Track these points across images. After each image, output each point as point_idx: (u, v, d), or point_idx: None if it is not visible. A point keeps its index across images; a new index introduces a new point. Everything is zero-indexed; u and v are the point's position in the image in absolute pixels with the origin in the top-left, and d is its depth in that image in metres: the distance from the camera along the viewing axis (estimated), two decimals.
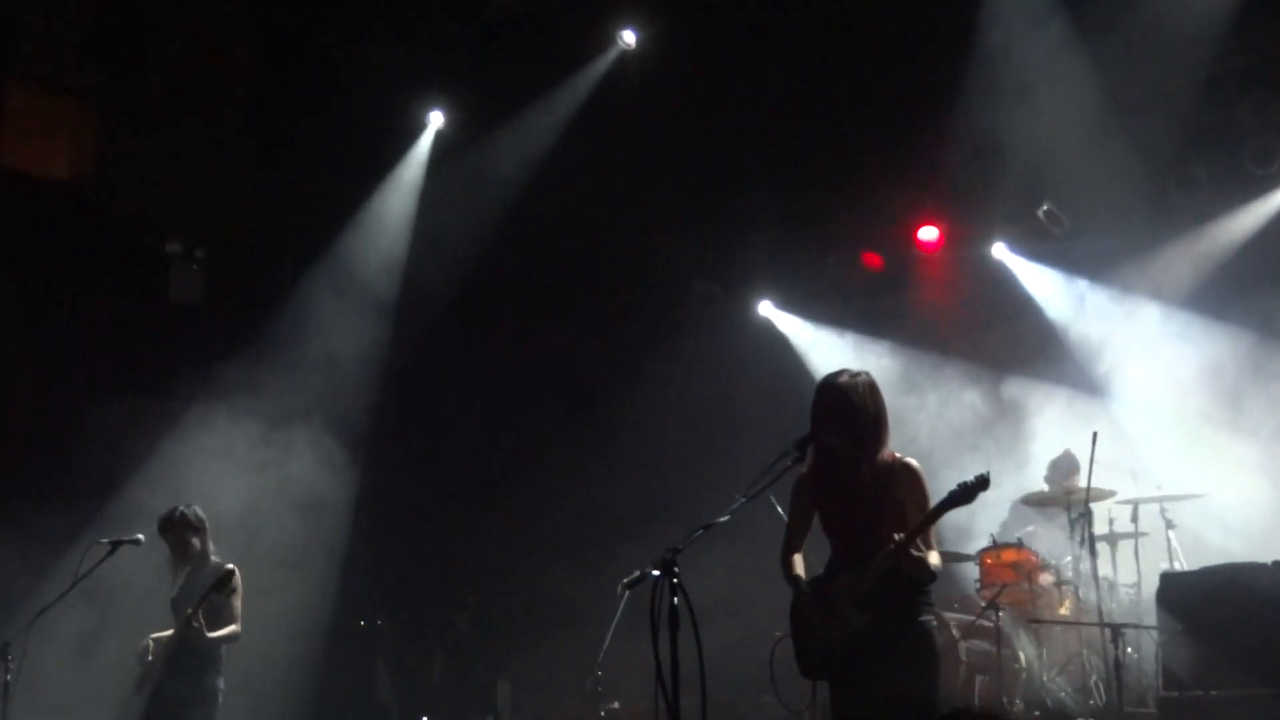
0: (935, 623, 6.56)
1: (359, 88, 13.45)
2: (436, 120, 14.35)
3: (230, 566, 9.27)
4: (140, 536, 9.31)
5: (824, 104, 13.09)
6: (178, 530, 9.38)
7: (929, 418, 13.16)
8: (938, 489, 6.46)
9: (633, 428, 14.34)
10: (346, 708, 13.07)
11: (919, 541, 6.33)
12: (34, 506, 11.88)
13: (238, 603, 9.15)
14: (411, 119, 14.31)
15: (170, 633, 9.25)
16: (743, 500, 6.19)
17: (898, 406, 6.96)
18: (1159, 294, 12.97)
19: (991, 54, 12.37)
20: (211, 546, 9.47)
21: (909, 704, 6.35)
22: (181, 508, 9.46)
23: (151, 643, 9.25)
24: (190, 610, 8.91)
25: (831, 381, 6.62)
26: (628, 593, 10.69)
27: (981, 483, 6.26)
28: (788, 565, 6.77)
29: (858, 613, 6.37)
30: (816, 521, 6.78)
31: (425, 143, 14.39)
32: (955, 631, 10.41)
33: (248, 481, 12.78)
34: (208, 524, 9.50)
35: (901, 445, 6.71)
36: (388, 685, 13.42)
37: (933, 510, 6.35)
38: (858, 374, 6.66)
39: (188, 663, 9.07)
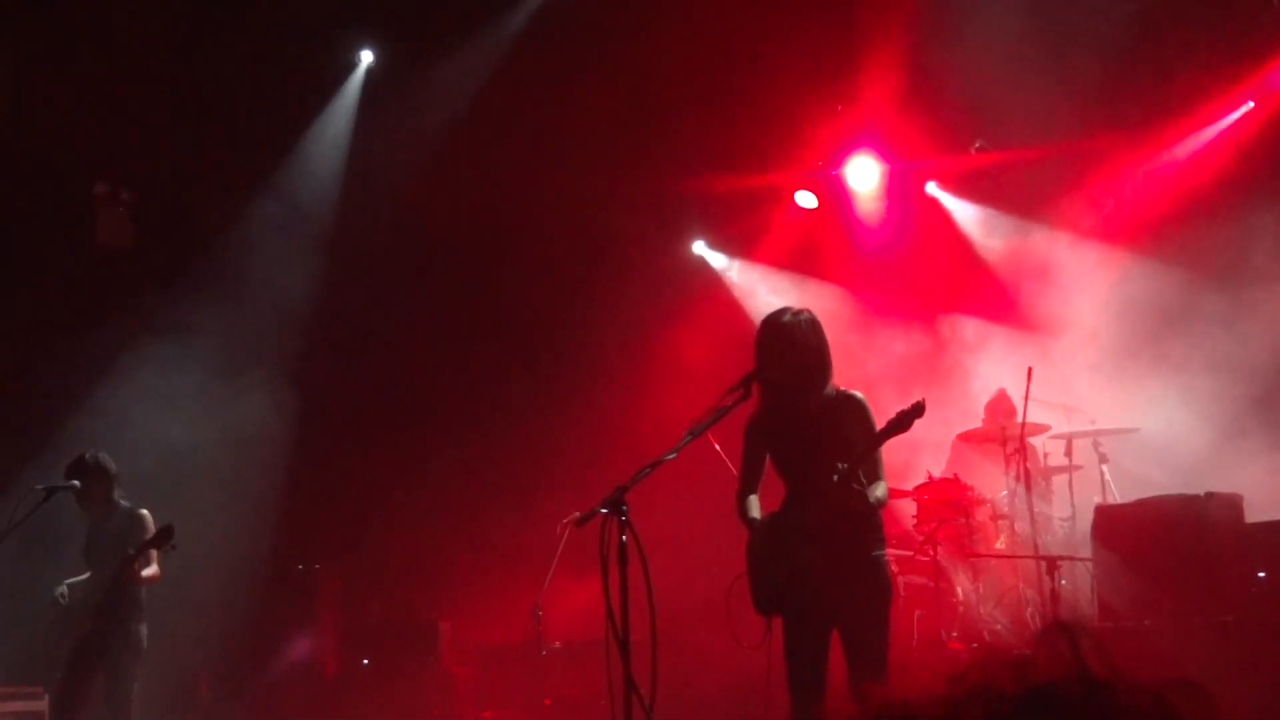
0: (886, 557, 6.62)
1: (288, 23, 13.21)
2: (367, 58, 14.15)
3: (146, 513, 9.24)
4: (76, 483, 9.24)
5: (758, 38, 13.02)
6: (87, 476, 9.30)
7: (870, 357, 13.23)
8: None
9: (574, 367, 14.34)
10: (286, 653, 13.02)
11: (863, 472, 6.38)
12: None
13: (154, 550, 9.10)
14: (342, 55, 14.10)
15: (85, 577, 9.19)
16: (689, 437, 6.19)
17: (838, 346, 6.95)
18: (1091, 231, 13.06)
19: None
20: (119, 491, 9.41)
21: (862, 637, 6.41)
22: (87, 454, 9.40)
23: (66, 589, 9.20)
24: (131, 554, 8.85)
25: (774, 319, 6.64)
26: (568, 532, 10.85)
27: (917, 410, 6.30)
28: (743, 508, 6.80)
29: (805, 546, 6.41)
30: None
31: (356, 80, 14.19)
32: (894, 566, 10.51)
33: (184, 423, 12.69)
34: (114, 470, 9.43)
35: (844, 383, 6.74)
36: (328, 628, 13.36)
37: (872, 439, 6.40)
38: (799, 311, 6.69)
39: (113, 610, 9.02)
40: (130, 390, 12.77)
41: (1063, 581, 10.39)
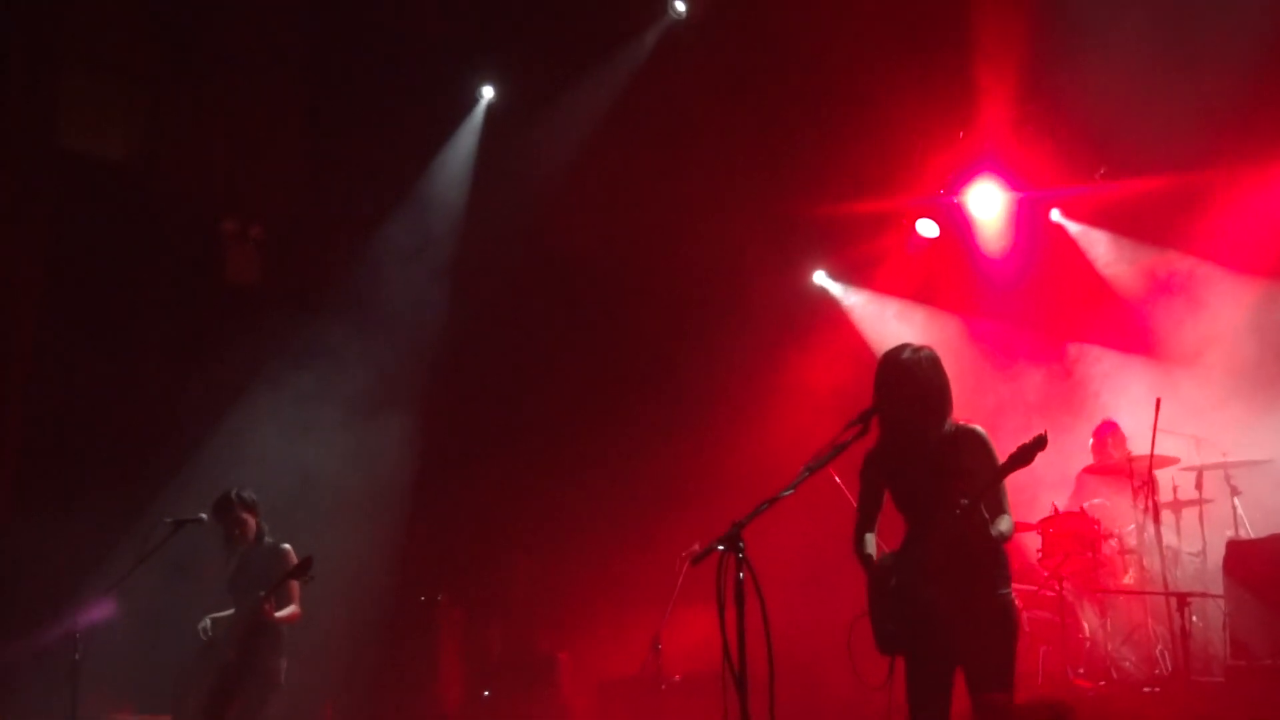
0: (1014, 595, 6.51)
1: (411, 62, 13.43)
2: (488, 94, 14.32)
3: (288, 548, 9.37)
4: (203, 515, 9.42)
5: (879, 64, 12.95)
6: (231, 512, 9.47)
7: (993, 389, 13.06)
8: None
9: (696, 398, 14.32)
10: (409, 683, 13.14)
11: (986, 506, 6.29)
12: (100, 486, 12.03)
13: (296, 584, 9.22)
14: (464, 92, 14.29)
15: (229, 613, 9.33)
16: (807, 473, 6.14)
17: (960, 379, 6.87)
18: (1223, 258, 12.79)
19: (1046, 11, 12.18)
20: (265, 527, 9.56)
21: (986, 677, 6.32)
22: (233, 490, 9.56)
23: (210, 622, 9.35)
24: (264, 593, 8.98)
25: (895, 355, 6.59)
26: (687, 565, 10.82)
27: (1039, 443, 6.22)
28: (860, 545, 6.75)
29: (928, 584, 6.34)
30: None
31: (478, 117, 14.36)
32: (1018, 602, 10.33)
33: (309, 454, 12.89)
34: (260, 505, 9.58)
35: (966, 416, 6.66)
36: (450, 660, 13.47)
37: (994, 473, 6.31)
38: (920, 348, 6.63)
39: (253, 643, 9.16)
40: (258, 421, 13.02)
41: (1194, 619, 10.16)
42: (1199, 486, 11.35)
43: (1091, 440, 12.06)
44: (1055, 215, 14.06)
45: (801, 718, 10.04)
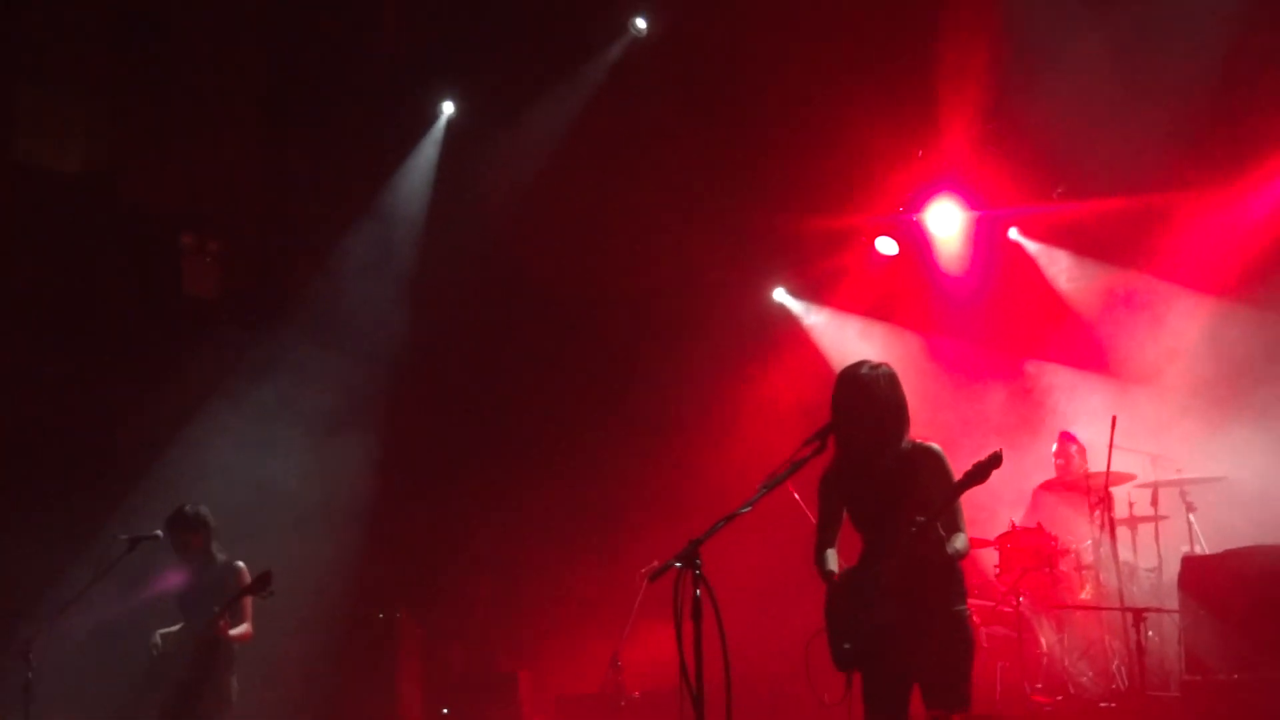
0: (969, 612, 6.54)
1: (372, 76, 13.42)
2: (448, 109, 14.32)
3: (242, 565, 9.32)
4: (159, 532, 9.36)
5: (838, 89, 13.01)
6: (183, 529, 9.41)
7: (951, 407, 13.13)
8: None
9: (655, 414, 14.34)
10: (367, 702, 13.07)
11: (942, 524, 6.32)
12: (55, 501, 11.93)
13: (249, 601, 9.18)
14: (424, 108, 14.28)
15: (178, 628, 9.28)
16: (764, 490, 6.15)
17: (918, 396, 6.90)
18: (1179, 277, 12.90)
19: (1006, 34, 12.27)
20: (216, 544, 9.51)
21: (943, 693, 6.34)
22: (186, 506, 9.50)
23: (160, 639, 9.29)
24: (219, 610, 8.93)
25: (852, 372, 6.61)
26: (646, 582, 10.81)
27: (994, 460, 6.24)
28: (821, 561, 6.76)
29: (885, 601, 6.36)
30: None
31: (438, 132, 14.35)
32: (975, 618, 10.39)
33: (268, 469, 12.83)
34: (212, 522, 9.53)
35: (924, 434, 6.69)
36: (409, 678, 13.41)
37: (949, 491, 6.34)
38: (878, 365, 6.65)
39: (205, 661, 9.10)
40: (215, 436, 12.95)
41: (1150, 634, 10.23)
42: (1155, 503, 11.44)
43: (1055, 449, 12.12)
44: (1013, 234, 14.16)
45: None
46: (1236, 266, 12.50)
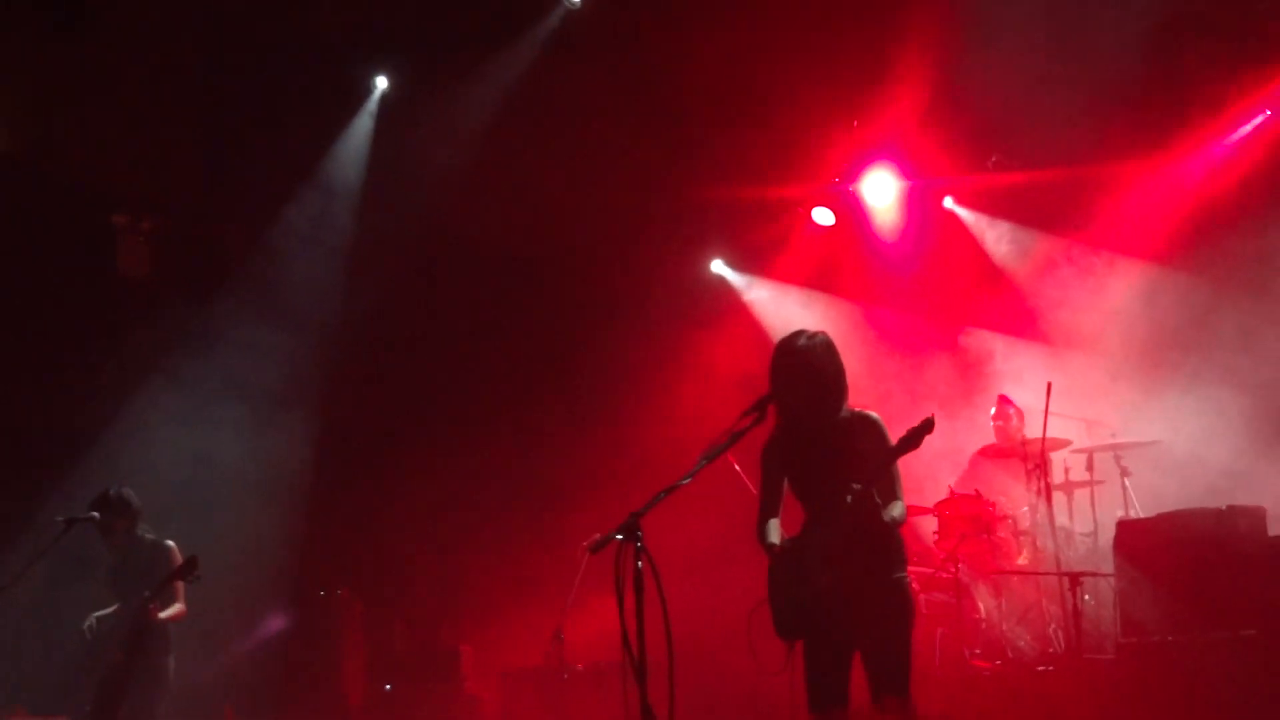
0: (909, 579, 6.58)
1: (305, 51, 13.26)
2: (382, 83, 14.20)
3: (171, 545, 9.28)
4: (95, 514, 9.27)
5: (775, 55, 13.00)
6: (110, 511, 9.35)
7: (889, 374, 13.21)
8: None
9: (595, 387, 14.35)
10: (310, 679, 13.03)
11: (880, 491, 6.36)
12: None
13: (180, 582, 9.13)
14: (358, 82, 14.16)
15: (113, 610, 9.21)
16: (704, 461, 6.15)
17: (856, 364, 6.94)
18: (1112, 244, 13.03)
19: (939, 4, 12.31)
20: (143, 526, 9.45)
21: (884, 659, 6.39)
22: (113, 489, 9.45)
23: (95, 621, 9.22)
24: (148, 594, 8.88)
25: (789, 342, 6.63)
26: (587, 555, 10.83)
27: (926, 426, 6.30)
28: (763, 533, 6.78)
29: (825, 569, 6.40)
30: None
31: (372, 106, 14.23)
32: (915, 584, 10.47)
33: (208, 448, 12.77)
34: (137, 505, 9.47)
35: (863, 403, 6.72)
36: (352, 654, 13.37)
37: (883, 458, 6.38)
38: (815, 334, 6.67)
39: (139, 643, 9.05)
40: (153, 415, 12.87)
41: (1086, 598, 10.36)
42: (1090, 468, 11.58)
43: (994, 413, 12.21)
44: (948, 203, 14.24)
45: (702, 705, 10.14)
46: (1168, 233, 12.65)
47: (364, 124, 14.23)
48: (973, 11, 12.16)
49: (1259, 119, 12.51)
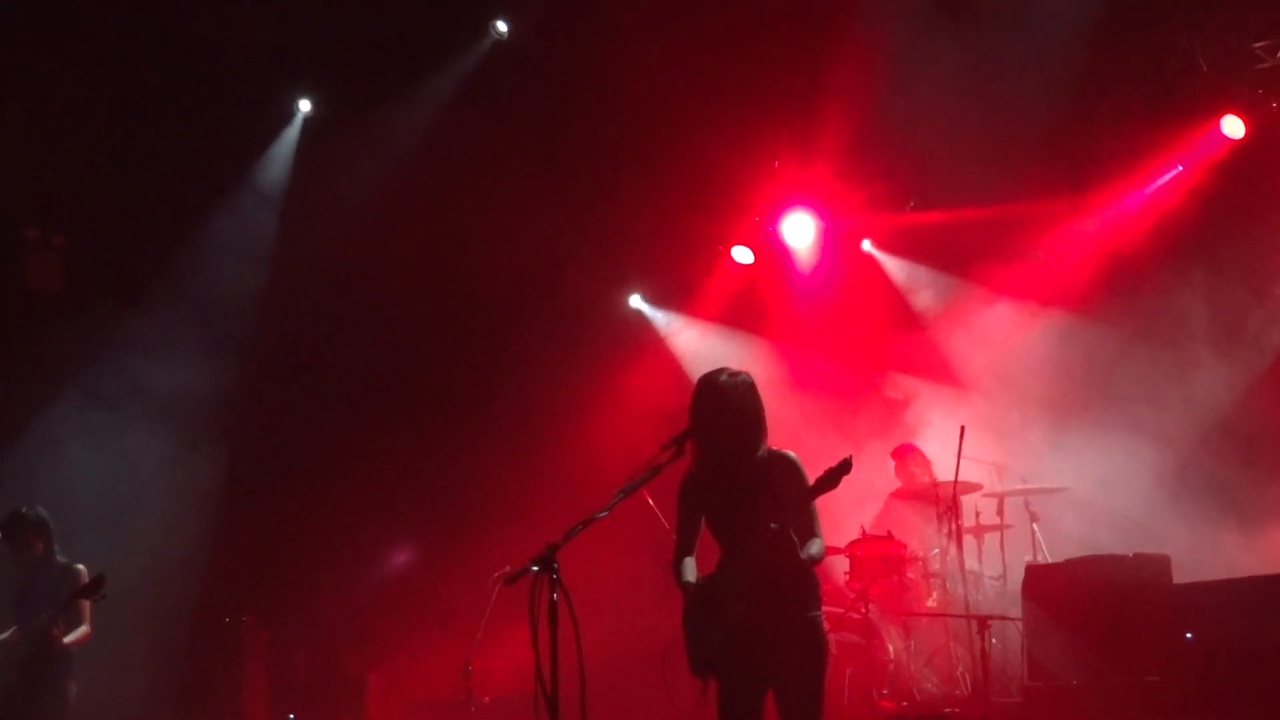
0: (822, 618, 6.59)
1: (228, 67, 13.17)
2: (305, 106, 14.12)
3: (81, 568, 9.14)
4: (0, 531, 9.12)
5: (696, 95, 13.08)
6: (20, 531, 9.20)
7: (806, 414, 13.26)
8: None
9: (508, 419, 14.27)
10: (212, 706, 12.85)
11: (796, 531, 6.36)
12: None
13: (88, 604, 9.00)
14: (281, 103, 14.07)
15: (10, 633, 9.05)
16: (622, 495, 6.14)
17: (774, 403, 6.95)
18: (1024, 291, 13.20)
19: (862, 49, 12.44)
20: (56, 547, 9.31)
21: (796, 699, 6.38)
22: (24, 508, 9.33)
23: None
24: (50, 615, 8.74)
25: (711, 379, 6.63)
26: (500, 586, 10.77)
27: (844, 467, 6.30)
28: (679, 570, 6.76)
29: (739, 606, 6.39)
30: None
31: (294, 129, 14.15)
32: (826, 624, 10.48)
33: (109, 472, 12.56)
34: (51, 524, 9.34)
35: (781, 442, 6.73)
36: (255, 681, 13.19)
37: (801, 497, 6.38)
38: (737, 374, 6.67)
39: (39, 665, 8.90)
40: (62, 431, 12.68)
41: (993, 640, 10.44)
42: (1000, 512, 11.70)
43: (892, 464, 12.32)
44: (866, 245, 14.36)
45: None
46: (1081, 282, 12.84)
47: (287, 144, 14.14)
48: (894, 58, 12.30)
49: (1171, 173, 12.73)
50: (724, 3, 12.58)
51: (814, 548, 6.45)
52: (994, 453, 12.12)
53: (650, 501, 11.00)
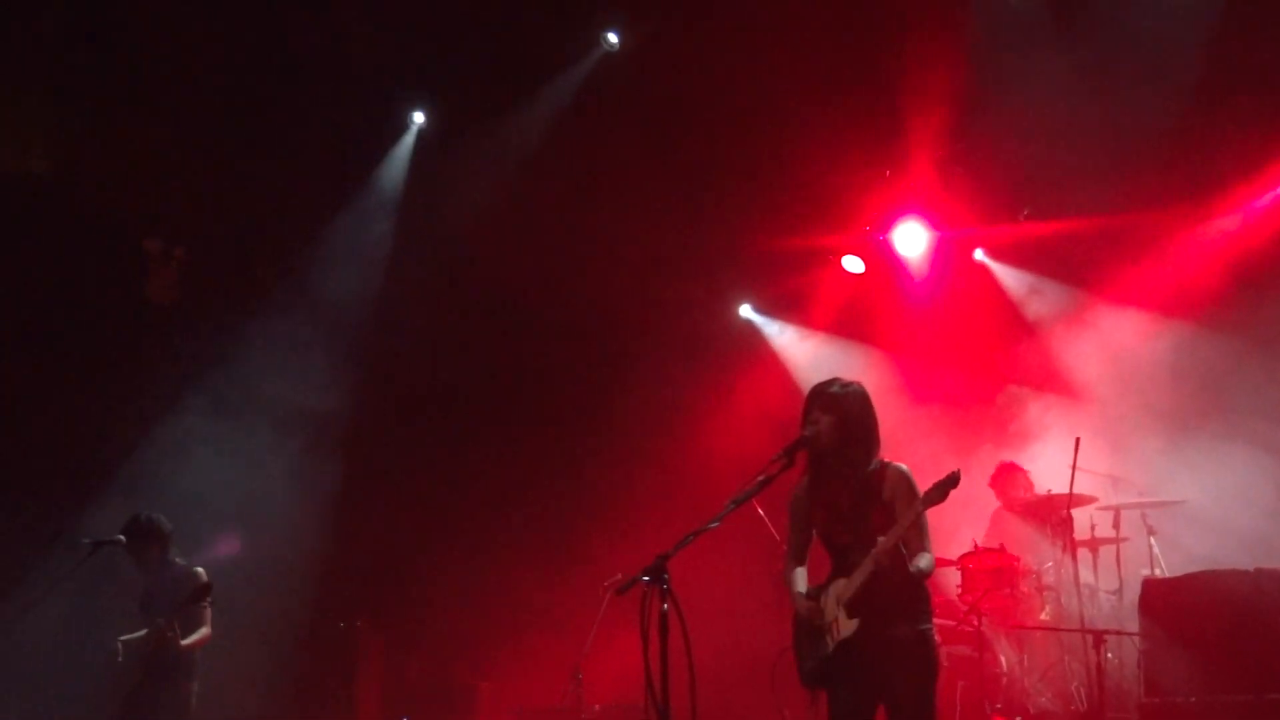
0: (933, 631, 6.54)
1: (342, 83, 13.36)
2: (419, 119, 14.30)
3: (200, 571, 9.31)
4: (121, 537, 9.31)
5: (807, 104, 13.04)
6: (141, 535, 9.39)
7: (917, 426, 13.15)
8: None
9: (620, 430, 14.32)
10: (326, 711, 13.01)
11: (904, 544, 6.34)
12: (15, 505, 11.85)
13: (206, 607, 9.17)
14: (395, 117, 14.25)
15: (140, 635, 9.22)
16: (732, 505, 6.16)
17: (886, 412, 6.91)
18: (1143, 300, 12.99)
19: (973, 55, 12.34)
20: (174, 550, 9.49)
21: (907, 712, 6.34)
22: (143, 513, 9.50)
23: (121, 646, 9.23)
24: (164, 619, 8.91)
25: (823, 389, 6.63)
26: (610, 595, 10.80)
27: (952, 480, 6.28)
28: (789, 579, 6.76)
29: (848, 619, 6.37)
30: None
31: (408, 141, 14.32)
32: (937, 637, 10.39)
33: (227, 480, 12.77)
34: (169, 529, 9.52)
35: (893, 453, 6.70)
36: (368, 687, 13.34)
37: (910, 511, 6.34)
38: (849, 384, 6.67)
39: (162, 668, 9.07)
40: (180, 441, 12.91)
41: (1109, 656, 10.28)
42: (1116, 525, 11.52)
43: (991, 485, 12.18)
44: (979, 255, 14.23)
45: None
46: (1201, 290, 12.60)
47: (401, 156, 14.32)
48: (1008, 63, 12.18)
49: None
50: (836, 14, 12.52)
51: (923, 561, 6.42)
52: (1109, 464, 11.94)
53: (760, 512, 10.98)
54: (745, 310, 15.35)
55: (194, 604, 9.06)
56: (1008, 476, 12.14)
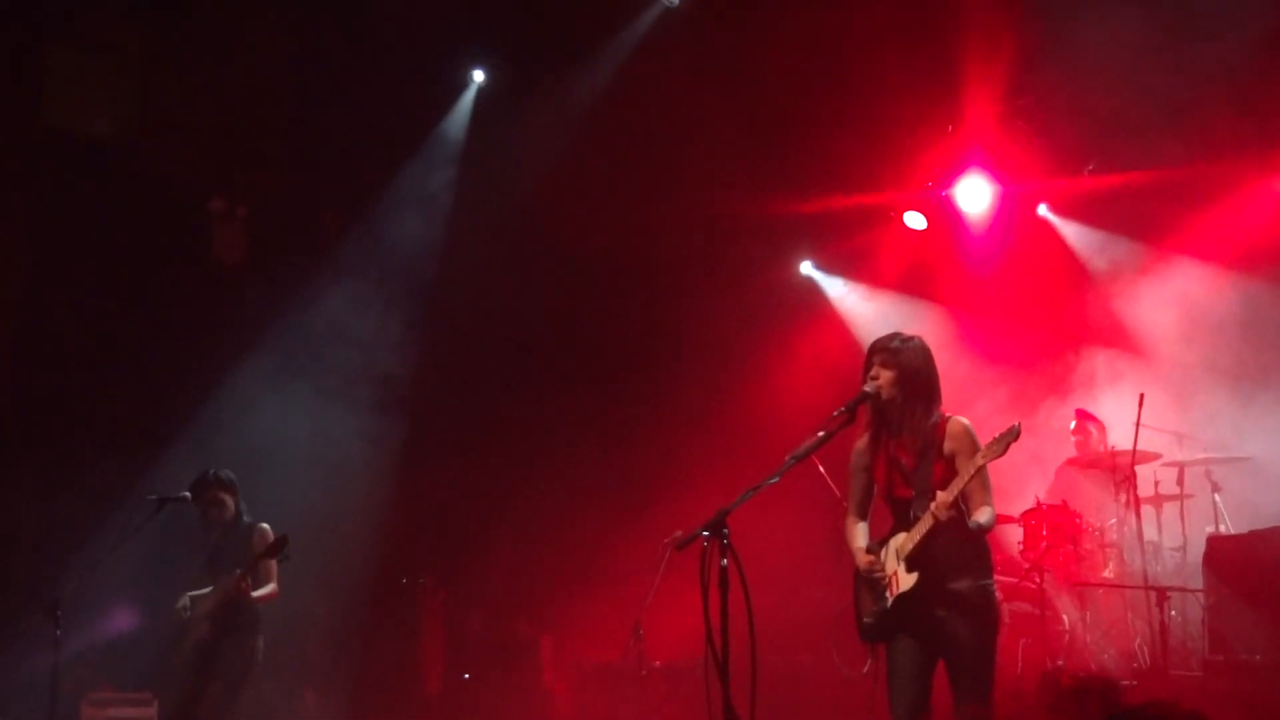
0: (994, 586, 6.51)
1: (401, 42, 13.39)
2: (478, 77, 14.31)
3: (266, 527, 9.40)
4: (187, 494, 9.41)
5: (870, 59, 12.93)
6: (209, 492, 9.48)
7: (979, 379, 13.07)
8: None
9: (680, 385, 14.33)
10: (390, 665, 13.15)
11: (965, 498, 6.31)
12: (84, 462, 12.02)
13: (274, 563, 9.26)
14: (454, 75, 14.27)
15: (207, 590, 9.33)
16: (792, 461, 6.16)
17: (946, 370, 6.87)
18: (1208, 255, 12.82)
19: (1035, 6, 12.18)
20: (243, 506, 9.57)
21: (968, 667, 6.33)
22: (211, 470, 9.57)
23: (190, 601, 9.35)
24: (240, 572, 9.00)
25: (884, 343, 6.61)
26: (670, 551, 10.83)
27: (1013, 433, 6.24)
28: (851, 535, 6.77)
29: (907, 573, 6.37)
30: None
31: (468, 99, 14.35)
32: (999, 593, 10.35)
33: (292, 438, 12.89)
34: (237, 485, 9.59)
35: (954, 407, 6.67)
36: (432, 642, 13.48)
37: (971, 465, 6.31)
38: (910, 338, 6.64)
39: (230, 623, 9.17)
40: (246, 399, 13.03)
41: (1173, 613, 10.22)
42: (1180, 482, 11.41)
43: (1074, 426, 12.07)
44: (1042, 210, 14.09)
45: (783, 706, 10.10)
46: (1267, 243, 12.42)
47: (462, 114, 14.34)
48: (1071, 15, 12.00)
49: None
50: None
51: (984, 516, 6.39)
52: (1174, 421, 11.83)
53: (821, 469, 10.96)
54: (806, 267, 15.29)
55: (269, 558, 9.15)
56: (1090, 421, 12.03)
